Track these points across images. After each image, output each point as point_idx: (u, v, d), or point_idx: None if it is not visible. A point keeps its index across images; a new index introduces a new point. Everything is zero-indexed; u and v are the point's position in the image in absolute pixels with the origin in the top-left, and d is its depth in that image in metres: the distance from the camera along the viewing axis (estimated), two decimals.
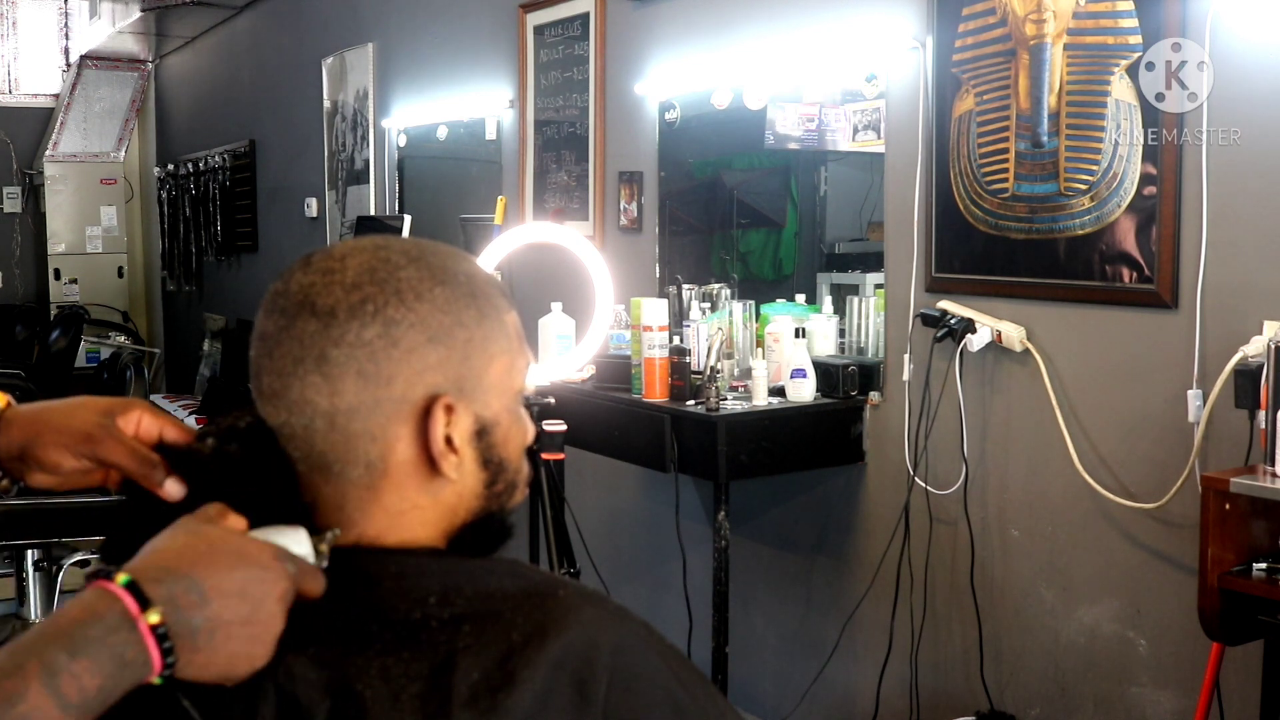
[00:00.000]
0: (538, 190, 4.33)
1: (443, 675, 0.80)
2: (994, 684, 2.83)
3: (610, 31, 3.91)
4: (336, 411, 0.84)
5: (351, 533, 0.87)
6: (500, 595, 0.85)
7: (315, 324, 0.84)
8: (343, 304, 0.84)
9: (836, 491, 3.24)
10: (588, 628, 0.83)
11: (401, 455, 0.86)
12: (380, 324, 0.84)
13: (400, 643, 0.81)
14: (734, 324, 3.36)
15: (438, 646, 0.81)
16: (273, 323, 0.86)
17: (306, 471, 0.87)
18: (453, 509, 0.89)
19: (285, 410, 0.86)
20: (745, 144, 3.94)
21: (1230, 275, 2.34)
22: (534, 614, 0.83)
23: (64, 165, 8.83)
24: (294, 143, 6.40)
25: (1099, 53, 2.50)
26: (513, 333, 0.91)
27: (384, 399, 0.85)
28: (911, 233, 2.94)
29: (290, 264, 0.89)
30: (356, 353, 0.84)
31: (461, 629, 0.82)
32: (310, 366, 0.84)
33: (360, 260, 0.86)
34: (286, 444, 0.87)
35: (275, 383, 0.86)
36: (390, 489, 0.87)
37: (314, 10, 6.17)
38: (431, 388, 0.85)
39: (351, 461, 0.86)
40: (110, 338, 8.28)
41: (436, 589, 0.84)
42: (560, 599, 0.85)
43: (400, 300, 0.85)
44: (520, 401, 0.93)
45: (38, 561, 4.15)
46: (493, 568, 0.88)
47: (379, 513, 0.87)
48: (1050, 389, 2.65)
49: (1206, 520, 2.08)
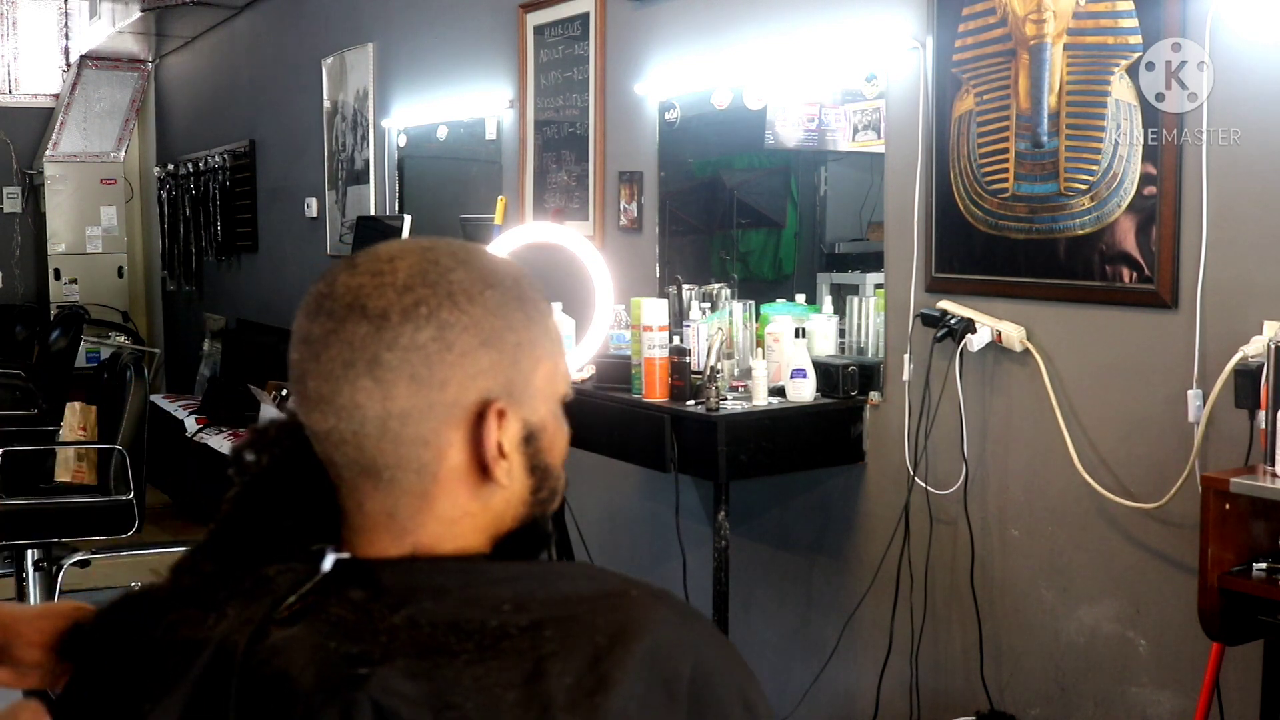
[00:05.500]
0: (538, 190, 4.33)
1: (536, 682, 0.78)
2: (994, 684, 2.83)
3: (610, 31, 3.91)
4: (389, 416, 0.82)
5: (406, 541, 0.85)
6: (575, 599, 0.83)
7: (367, 327, 0.82)
8: (395, 306, 0.82)
9: (836, 491, 3.24)
10: (666, 627, 0.83)
11: (453, 461, 0.85)
12: (434, 327, 0.82)
13: (485, 652, 0.79)
14: (734, 324, 3.36)
15: (523, 654, 0.79)
16: (319, 326, 0.84)
17: (352, 478, 0.85)
18: (500, 515, 0.88)
19: (334, 415, 0.83)
20: (745, 144, 3.94)
21: (1230, 275, 2.34)
22: (613, 615, 0.82)
23: (64, 165, 8.83)
24: (294, 143, 6.40)
25: (1099, 53, 2.50)
26: (555, 336, 0.90)
27: (437, 403, 0.83)
28: (911, 233, 2.94)
29: (332, 266, 0.87)
30: (410, 356, 0.82)
31: (543, 634, 0.80)
32: (361, 370, 0.82)
33: (410, 262, 0.84)
34: (333, 450, 0.85)
35: (323, 387, 0.83)
36: (443, 495, 0.85)
37: (314, 10, 6.17)
38: (483, 392, 0.84)
39: (402, 467, 0.84)
40: (110, 338, 8.28)
41: (509, 596, 0.82)
42: (635, 599, 0.84)
43: (453, 303, 0.83)
44: (561, 406, 0.92)
45: (38, 561, 4.16)
46: (561, 571, 0.87)
47: (432, 521, 0.85)
48: (1050, 389, 2.65)
49: (1206, 520, 2.08)
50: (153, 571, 4.57)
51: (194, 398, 7.16)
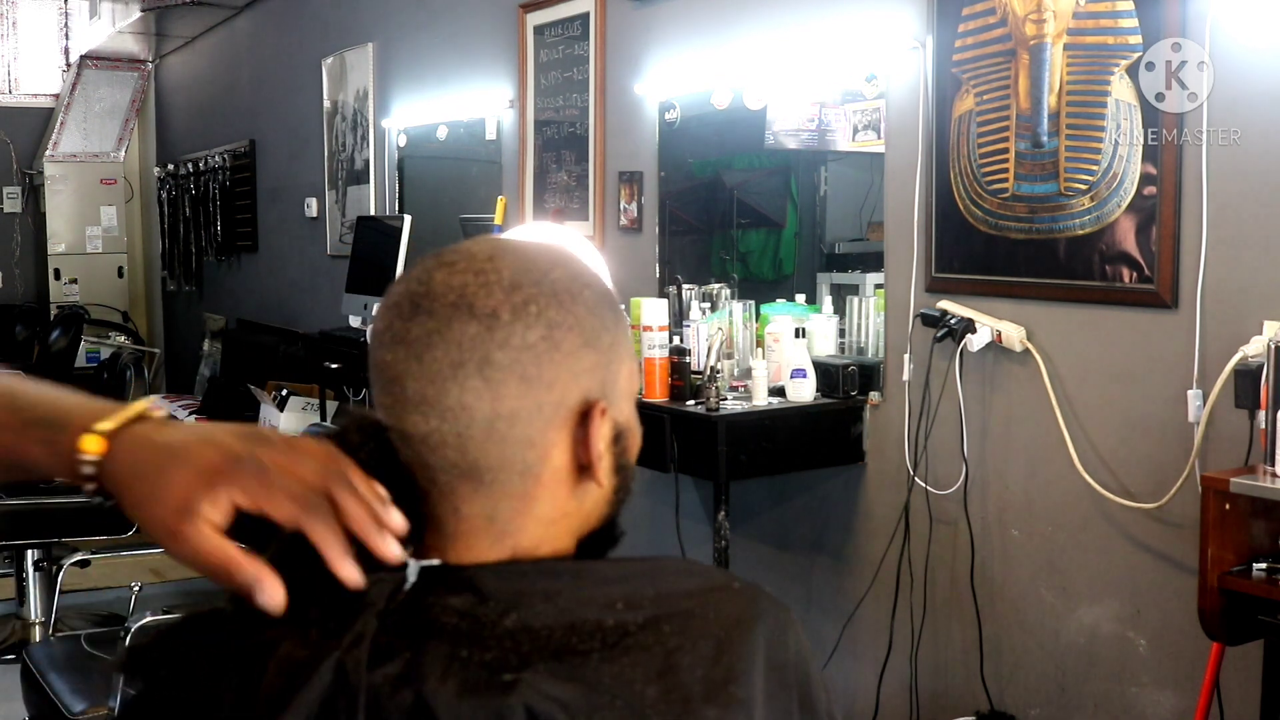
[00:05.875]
0: (538, 190, 4.33)
1: (670, 676, 0.78)
2: (994, 684, 2.83)
3: (610, 31, 3.91)
4: (497, 417, 0.81)
5: (505, 544, 0.85)
6: (683, 593, 0.83)
7: (476, 326, 0.81)
8: (505, 305, 0.81)
9: (836, 491, 3.24)
10: (770, 617, 0.84)
11: (556, 462, 0.84)
12: (543, 326, 0.82)
13: (612, 650, 0.79)
14: (734, 324, 3.36)
15: (650, 649, 0.79)
16: (419, 326, 0.82)
17: (450, 481, 0.84)
18: (589, 516, 0.88)
19: (436, 417, 0.82)
20: (745, 144, 3.94)
21: (1230, 275, 2.34)
22: (723, 608, 0.83)
23: (64, 165, 8.82)
24: (294, 143, 6.40)
25: (1099, 53, 2.50)
26: (631, 336, 0.91)
27: (544, 403, 0.82)
28: (911, 233, 2.94)
29: (420, 265, 0.85)
30: (521, 356, 0.81)
31: (663, 630, 0.80)
32: (471, 371, 0.81)
33: (510, 261, 0.84)
34: (430, 453, 0.83)
35: (428, 389, 0.81)
36: (544, 497, 0.85)
37: (314, 10, 6.17)
38: (585, 392, 0.84)
39: (506, 469, 0.83)
40: (110, 338, 8.28)
41: (620, 595, 0.82)
42: (739, 591, 0.85)
43: (558, 302, 0.83)
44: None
45: (38, 561, 4.15)
46: (662, 566, 0.87)
47: (532, 523, 0.85)
48: (1050, 389, 2.65)
49: (1207, 520, 2.08)
50: (153, 571, 4.57)
51: (194, 398, 7.15)
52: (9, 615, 4.44)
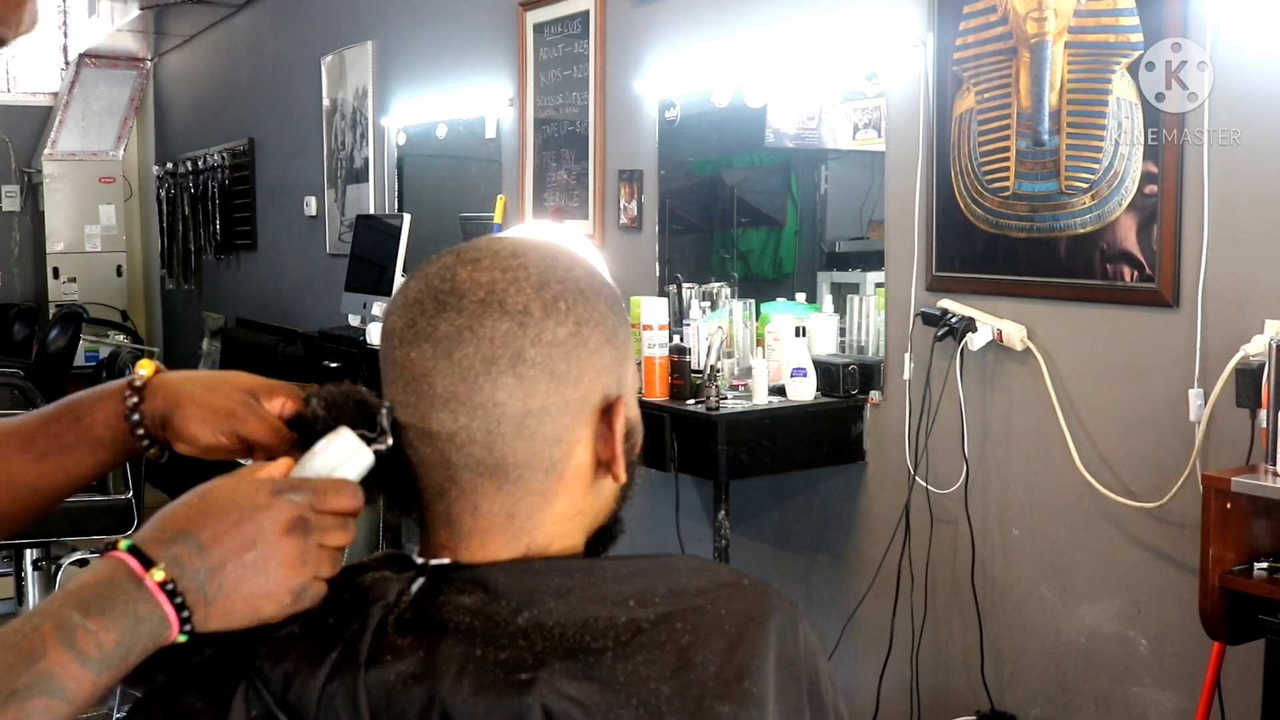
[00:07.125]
0: (537, 189, 4.32)
1: (684, 673, 0.78)
2: (994, 683, 2.83)
3: (610, 29, 3.91)
4: (528, 413, 0.82)
5: (520, 542, 0.85)
6: (694, 590, 0.83)
7: (508, 323, 0.81)
8: (535, 302, 0.82)
9: (837, 491, 3.24)
10: (779, 613, 0.84)
11: (579, 458, 0.85)
12: (573, 322, 0.83)
13: (625, 648, 0.79)
14: (734, 323, 3.36)
15: (663, 646, 0.79)
16: (447, 322, 0.81)
17: (471, 479, 0.83)
18: (600, 512, 0.89)
19: (467, 414, 0.81)
20: (745, 142, 3.94)
21: (1231, 274, 2.33)
22: (734, 604, 0.83)
23: (62, 164, 8.81)
24: (293, 141, 6.39)
25: (1100, 51, 2.50)
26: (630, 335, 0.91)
27: (572, 400, 0.83)
28: (912, 231, 2.94)
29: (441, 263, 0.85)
30: (552, 352, 0.82)
31: (675, 626, 0.80)
32: (504, 367, 0.81)
33: (535, 258, 0.84)
34: (454, 451, 0.82)
35: (458, 386, 0.81)
36: (564, 493, 0.85)
37: (313, 8, 6.16)
38: (606, 388, 0.85)
39: (532, 465, 0.83)
40: (109, 336, 8.27)
41: (631, 592, 0.82)
42: (749, 587, 0.85)
43: (584, 299, 0.84)
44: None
45: (36, 561, 4.15)
46: (672, 563, 0.86)
47: (549, 520, 0.85)
48: (1051, 388, 2.65)
49: (1208, 520, 2.08)
50: None
51: None
52: (8, 615, 4.44)
